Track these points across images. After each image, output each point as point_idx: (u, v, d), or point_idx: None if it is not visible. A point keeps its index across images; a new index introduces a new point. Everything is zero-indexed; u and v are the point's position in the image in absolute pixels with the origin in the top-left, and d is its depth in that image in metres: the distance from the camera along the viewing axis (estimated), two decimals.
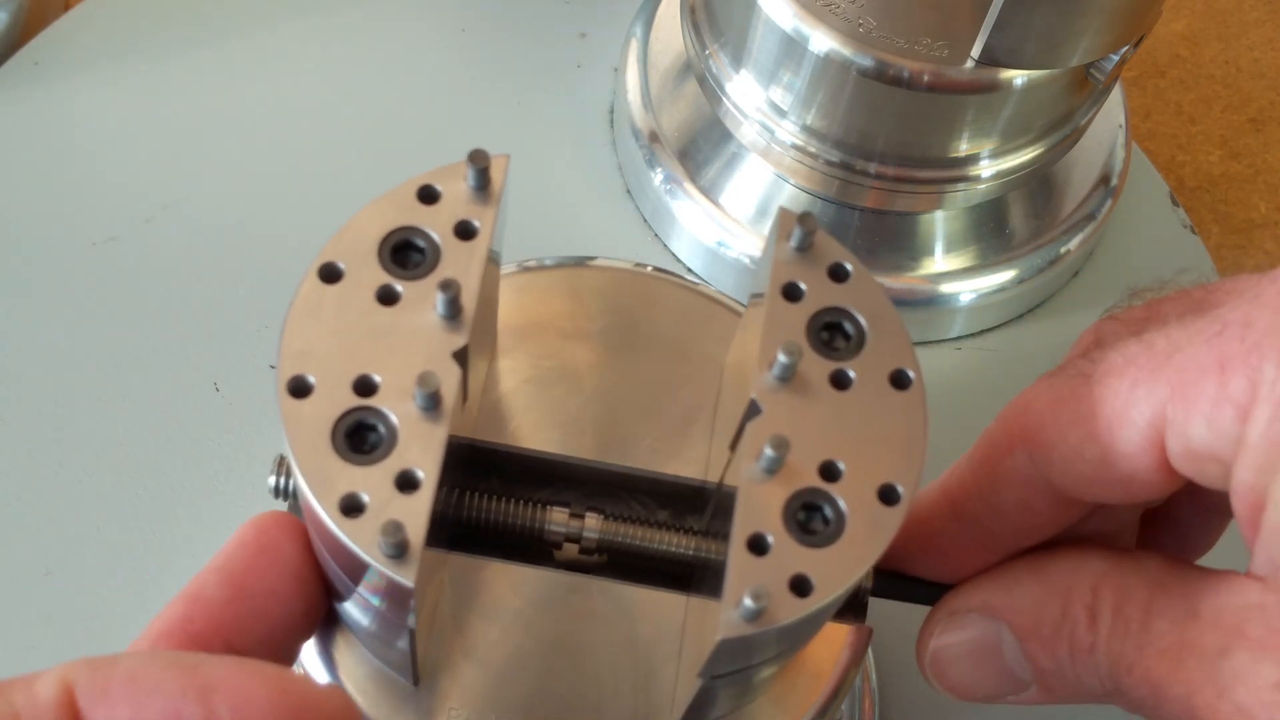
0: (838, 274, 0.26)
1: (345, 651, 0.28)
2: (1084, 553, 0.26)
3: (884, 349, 0.25)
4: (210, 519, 0.44)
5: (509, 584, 0.28)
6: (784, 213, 0.26)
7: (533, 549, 0.29)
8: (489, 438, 0.30)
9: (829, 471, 0.24)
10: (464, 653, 0.28)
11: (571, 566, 0.29)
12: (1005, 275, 0.50)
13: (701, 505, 0.30)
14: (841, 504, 0.23)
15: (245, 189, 0.51)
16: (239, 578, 0.25)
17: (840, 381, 0.25)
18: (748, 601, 0.22)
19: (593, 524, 0.28)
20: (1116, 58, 0.43)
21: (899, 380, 0.25)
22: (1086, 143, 0.51)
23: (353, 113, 0.53)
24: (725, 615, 0.22)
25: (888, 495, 0.24)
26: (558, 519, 0.28)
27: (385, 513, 0.22)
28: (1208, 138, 0.65)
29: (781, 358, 0.24)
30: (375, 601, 0.24)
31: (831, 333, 0.25)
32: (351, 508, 0.22)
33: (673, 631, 0.28)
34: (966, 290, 0.50)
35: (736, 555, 0.23)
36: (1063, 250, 0.51)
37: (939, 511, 0.28)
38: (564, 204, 0.52)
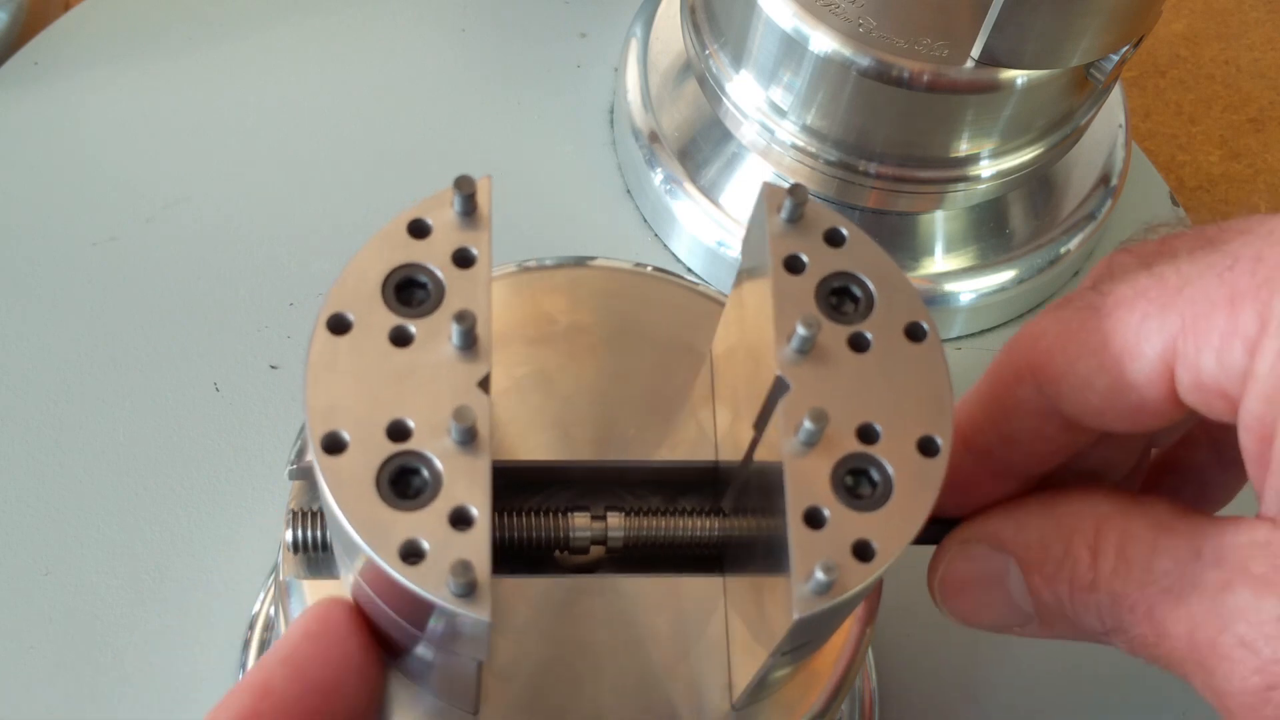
0: (834, 239, 0.26)
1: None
2: (1092, 494, 0.27)
3: (894, 305, 0.25)
4: (210, 519, 0.44)
5: (519, 596, 0.28)
6: (770, 187, 0.26)
7: (536, 557, 0.29)
8: None
9: (867, 434, 0.24)
10: (488, 672, 0.27)
11: (574, 566, 0.29)
12: (1005, 275, 0.50)
13: (704, 486, 0.30)
14: (886, 464, 0.24)
15: (246, 189, 0.51)
16: (307, 672, 0.24)
17: (858, 344, 0.25)
18: (819, 575, 0.22)
19: (616, 523, 0.28)
20: (1116, 58, 0.43)
21: (914, 333, 0.25)
22: (1086, 143, 0.51)
23: (353, 113, 0.53)
24: (798, 591, 0.22)
25: (927, 447, 0.24)
26: (580, 524, 0.28)
27: (447, 553, 0.22)
28: (1208, 138, 0.65)
29: (801, 330, 0.24)
30: (442, 641, 0.24)
31: (840, 298, 0.25)
32: (411, 554, 0.22)
33: (690, 613, 0.28)
34: (966, 290, 0.50)
35: (796, 531, 0.23)
36: (1063, 250, 0.51)
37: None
38: (564, 204, 0.52)
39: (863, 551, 0.23)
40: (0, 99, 0.52)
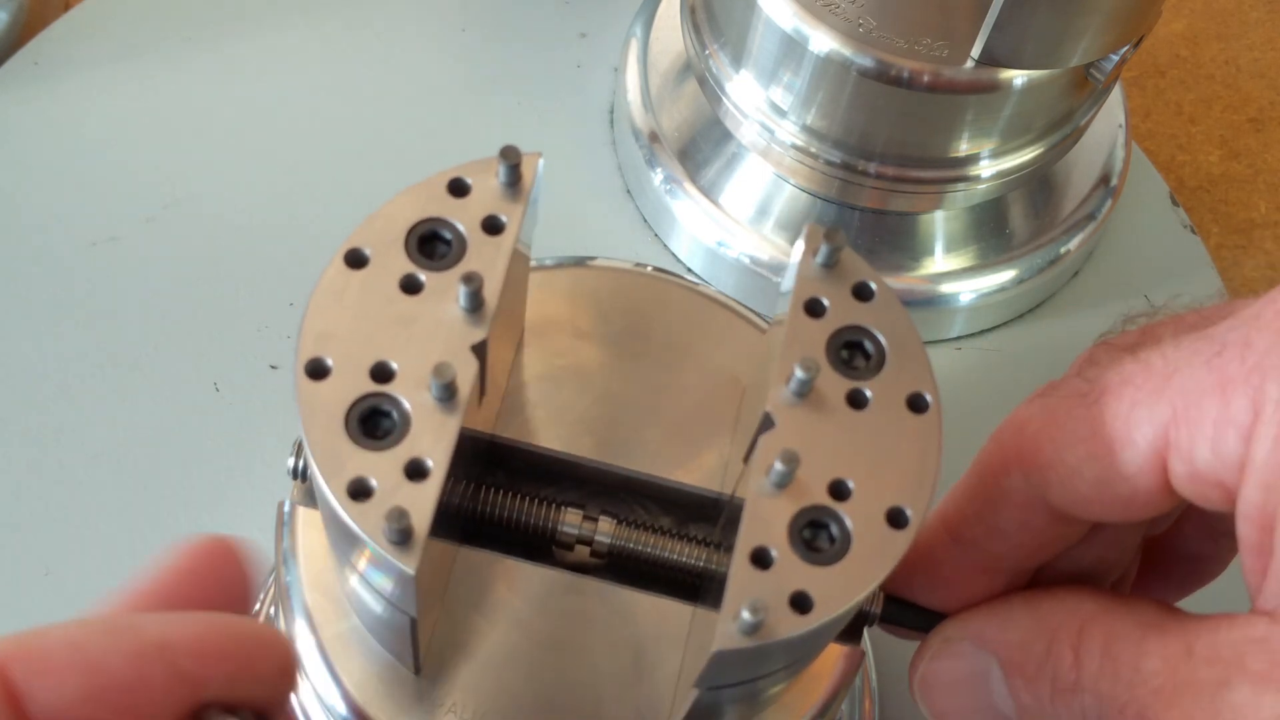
0: (862, 293, 0.26)
1: (343, 649, 0.28)
2: (1077, 593, 0.26)
3: (903, 371, 0.25)
4: (210, 519, 0.44)
5: (506, 581, 0.28)
6: (812, 228, 0.26)
7: (535, 546, 0.29)
8: (505, 423, 0.30)
9: (838, 490, 0.24)
10: (461, 649, 0.28)
11: (572, 566, 0.29)
12: (1005, 275, 0.50)
13: (711, 515, 0.30)
14: (848, 523, 0.23)
15: (246, 189, 0.51)
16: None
17: (857, 401, 0.25)
18: (745, 614, 0.22)
19: (605, 528, 0.28)
20: (1116, 58, 0.43)
21: (916, 404, 0.25)
22: (1086, 143, 0.51)
23: (353, 113, 0.54)
24: (723, 627, 0.22)
25: (896, 518, 0.24)
26: (571, 520, 0.28)
27: (392, 499, 0.22)
28: (1208, 138, 0.65)
29: (799, 373, 0.24)
30: (380, 586, 0.24)
31: (851, 351, 0.25)
32: (359, 492, 0.22)
33: (668, 633, 0.28)
34: (966, 290, 0.50)
35: (738, 567, 0.23)
36: (1063, 250, 0.51)
37: (938, 537, 0.27)
38: (564, 204, 0.52)
39: (801, 603, 0.23)
40: (0, 99, 0.52)
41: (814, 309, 0.25)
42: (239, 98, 0.53)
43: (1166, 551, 0.31)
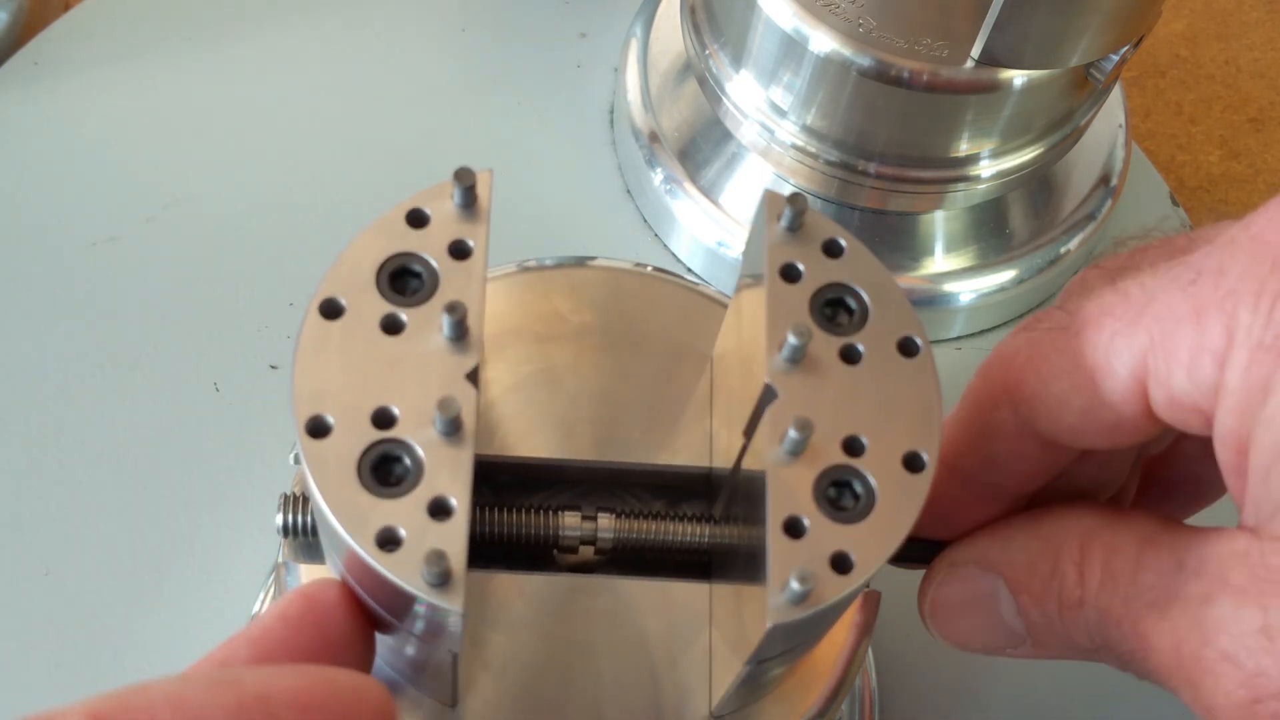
0: (832, 250, 0.26)
1: None
2: (1076, 510, 0.27)
3: (888, 319, 0.25)
4: (210, 519, 0.44)
5: (515, 592, 0.28)
6: (771, 195, 0.26)
7: (535, 554, 0.29)
8: (484, 439, 0.30)
9: (852, 447, 0.24)
10: (482, 666, 0.28)
11: (573, 567, 0.29)
12: (1005, 275, 0.50)
13: (702, 491, 0.30)
14: (870, 478, 0.24)
15: (246, 188, 0.51)
16: (301, 633, 0.24)
17: (850, 356, 0.25)
18: (794, 584, 0.22)
19: (606, 524, 0.28)
20: (1116, 58, 0.43)
21: (907, 348, 0.25)
22: (1086, 143, 0.51)
23: (353, 113, 0.54)
24: (773, 600, 0.22)
25: (913, 462, 0.24)
26: (570, 524, 0.28)
27: (423, 543, 0.22)
28: (1208, 138, 0.65)
29: (792, 339, 0.24)
30: (418, 630, 0.24)
31: (834, 309, 0.25)
32: (388, 541, 0.22)
33: (687, 615, 0.28)
34: (966, 290, 0.50)
35: (775, 540, 0.23)
36: (1063, 250, 0.51)
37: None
38: (564, 204, 0.52)
39: (841, 563, 0.23)
40: (0, 99, 0.52)
41: (790, 274, 0.25)
42: (239, 98, 0.53)
43: (1166, 473, 0.31)
